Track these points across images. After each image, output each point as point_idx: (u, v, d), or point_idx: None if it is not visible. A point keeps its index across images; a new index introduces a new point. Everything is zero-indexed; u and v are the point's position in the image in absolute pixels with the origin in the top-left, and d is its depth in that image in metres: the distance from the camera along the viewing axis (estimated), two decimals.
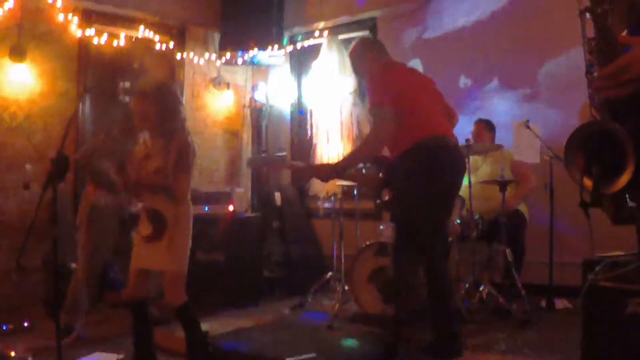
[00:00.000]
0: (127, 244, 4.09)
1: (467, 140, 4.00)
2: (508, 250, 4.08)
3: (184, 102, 3.49)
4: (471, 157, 4.16)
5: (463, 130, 4.08)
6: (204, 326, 3.04)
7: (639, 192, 1.35)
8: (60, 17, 5.11)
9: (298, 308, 4.67)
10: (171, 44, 5.95)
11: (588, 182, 1.38)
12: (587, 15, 1.33)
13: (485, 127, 4.66)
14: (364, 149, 3.28)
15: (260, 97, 6.41)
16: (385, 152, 3.40)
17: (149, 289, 3.07)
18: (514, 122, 4.42)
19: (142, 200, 3.11)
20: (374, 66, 3.37)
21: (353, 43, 3.59)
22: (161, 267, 2.92)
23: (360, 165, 4.73)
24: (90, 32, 5.29)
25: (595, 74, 1.33)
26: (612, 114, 1.35)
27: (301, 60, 6.54)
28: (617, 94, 1.26)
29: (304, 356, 3.30)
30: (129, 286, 3.01)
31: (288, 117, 6.63)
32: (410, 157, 3.10)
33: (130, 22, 5.67)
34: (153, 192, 2.93)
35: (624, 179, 1.28)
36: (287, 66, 6.58)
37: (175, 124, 2.94)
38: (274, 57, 6.24)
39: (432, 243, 3.19)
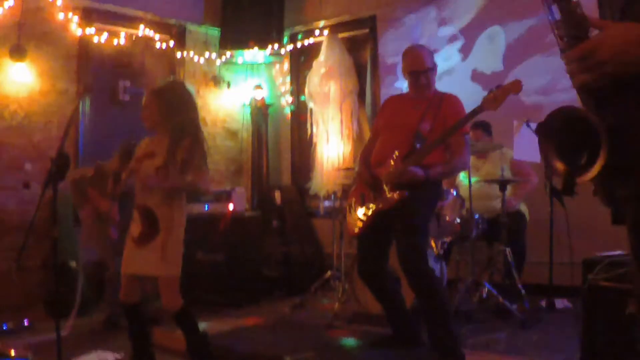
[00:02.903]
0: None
1: None
2: (508, 250, 4.07)
3: None
4: (471, 157, 4.15)
5: None
6: (202, 325, 3.03)
7: (620, 182, 1.32)
8: (61, 16, 5.11)
9: (298, 307, 4.67)
10: (171, 43, 5.96)
11: (560, 168, 1.35)
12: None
13: (483, 131, 4.63)
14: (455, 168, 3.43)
15: (260, 96, 6.41)
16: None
17: (143, 292, 3.06)
18: (514, 120, 4.41)
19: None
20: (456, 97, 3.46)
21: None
22: (155, 274, 2.86)
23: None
24: (90, 30, 5.29)
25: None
26: (593, 98, 1.32)
27: (301, 59, 6.54)
28: (587, 79, 1.23)
29: (302, 355, 3.31)
30: (122, 291, 2.97)
31: (288, 116, 6.63)
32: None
33: (130, 21, 5.67)
34: (171, 194, 2.87)
35: (597, 167, 1.26)
36: (287, 65, 6.58)
37: (180, 123, 2.86)
38: (274, 56, 6.24)
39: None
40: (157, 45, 5.85)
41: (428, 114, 3.25)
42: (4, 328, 4.04)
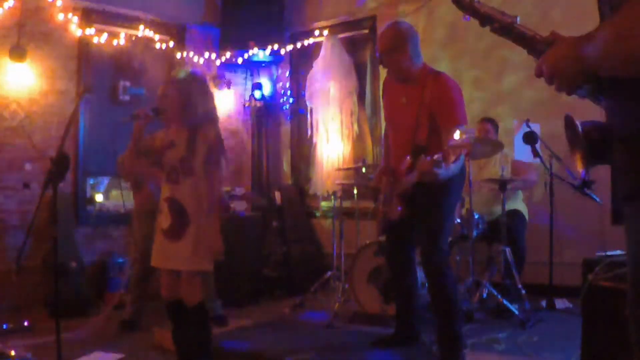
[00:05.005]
0: None
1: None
2: (508, 250, 4.08)
3: None
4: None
5: None
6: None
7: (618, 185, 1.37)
8: (60, 17, 5.11)
9: (298, 307, 4.68)
10: (171, 43, 5.95)
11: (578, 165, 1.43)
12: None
13: (492, 126, 4.62)
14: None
15: (260, 96, 6.41)
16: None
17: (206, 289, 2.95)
18: (515, 120, 4.41)
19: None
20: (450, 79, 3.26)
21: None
22: (182, 267, 2.77)
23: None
24: (90, 31, 5.29)
25: None
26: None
27: (301, 60, 6.54)
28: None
29: (302, 355, 3.31)
30: (162, 286, 2.88)
31: (288, 116, 6.63)
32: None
33: (130, 22, 5.66)
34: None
35: (578, 164, 1.33)
36: (287, 65, 6.58)
37: (198, 115, 2.82)
38: (274, 56, 6.24)
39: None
40: (157, 45, 5.84)
41: (422, 113, 3.13)
42: (4, 328, 4.04)
